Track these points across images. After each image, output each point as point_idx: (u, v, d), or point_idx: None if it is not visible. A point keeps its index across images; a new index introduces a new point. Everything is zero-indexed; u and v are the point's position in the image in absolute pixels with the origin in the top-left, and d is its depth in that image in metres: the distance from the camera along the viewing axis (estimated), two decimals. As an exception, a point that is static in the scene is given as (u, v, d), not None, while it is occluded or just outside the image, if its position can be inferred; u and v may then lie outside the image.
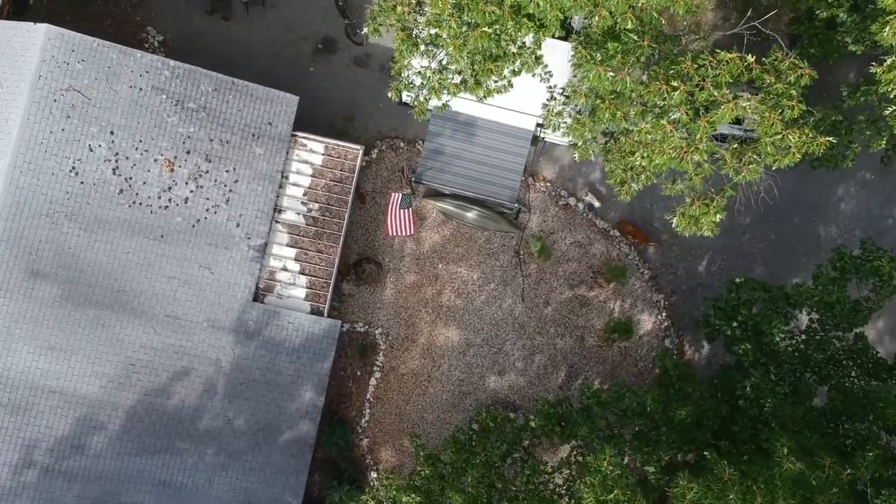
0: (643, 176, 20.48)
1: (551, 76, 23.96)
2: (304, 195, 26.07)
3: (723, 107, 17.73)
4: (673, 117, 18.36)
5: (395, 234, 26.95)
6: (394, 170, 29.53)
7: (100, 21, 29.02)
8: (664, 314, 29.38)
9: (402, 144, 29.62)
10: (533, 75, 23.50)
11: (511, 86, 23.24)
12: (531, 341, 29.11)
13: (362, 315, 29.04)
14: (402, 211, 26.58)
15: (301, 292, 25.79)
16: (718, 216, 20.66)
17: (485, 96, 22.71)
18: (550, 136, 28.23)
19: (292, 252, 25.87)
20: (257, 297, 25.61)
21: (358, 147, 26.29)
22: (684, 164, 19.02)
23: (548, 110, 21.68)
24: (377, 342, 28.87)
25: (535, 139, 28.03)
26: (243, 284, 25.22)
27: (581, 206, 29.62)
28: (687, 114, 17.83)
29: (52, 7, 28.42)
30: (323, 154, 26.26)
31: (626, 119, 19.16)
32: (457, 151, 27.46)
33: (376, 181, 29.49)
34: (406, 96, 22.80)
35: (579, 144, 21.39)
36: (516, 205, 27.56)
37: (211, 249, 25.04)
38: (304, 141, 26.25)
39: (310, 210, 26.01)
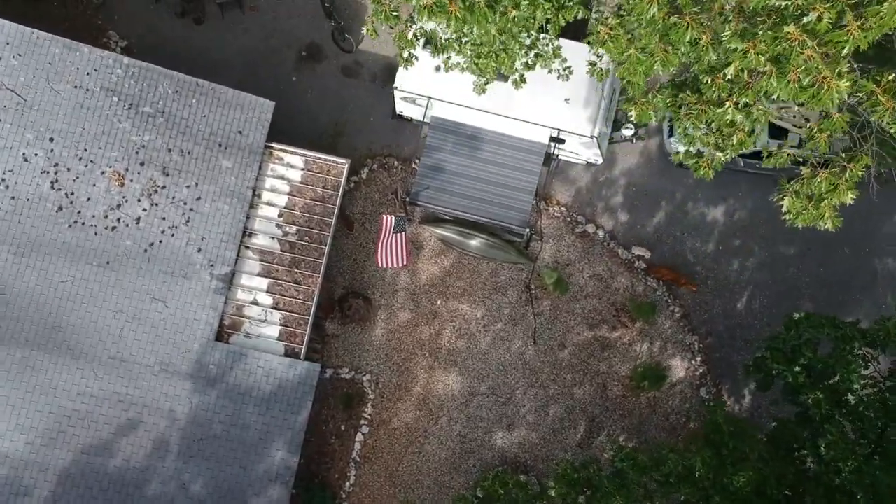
0: (735, 137, 15.16)
1: (571, 74, 19.88)
2: (279, 216, 21.83)
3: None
4: (806, 20, 11.38)
5: (386, 264, 22.63)
6: (386, 192, 25.34)
7: (54, 24, 25.00)
8: (699, 359, 24.90)
9: (395, 163, 25.49)
10: (549, 71, 19.41)
11: (523, 81, 19.15)
12: (545, 390, 24.57)
13: (348, 359, 24.58)
14: (394, 236, 22.30)
15: (274, 331, 21.37)
16: (850, 195, 14.45)
17: (486, 82, 18.67)
18: (566, 153, 24.07)
19: (264, 283, 21.53)
20: (221, 335, 21.19)
21: (343, 161, 22.13)
22: (823, 100, 11.64)
23: (595, 30, 14.88)
24: (365, 391, 24.34)
25: (548, 158, 23.89)
26: (204, 321, 20.83)
27: (601, 233, 25.34)
28: (828, 17, 11.03)
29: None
30: (302, 169, 22.09)
31: (713, 48, 12.78)
32: (459, 168, 23.28)
33: (366, 205, 25.29)
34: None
35: (637, 97, 15.55)
36: (527, 230, 23.28)
37: (166, 279, 20.72)
38: (281, 153, 22.10)
39: (286, 234, 21.74)
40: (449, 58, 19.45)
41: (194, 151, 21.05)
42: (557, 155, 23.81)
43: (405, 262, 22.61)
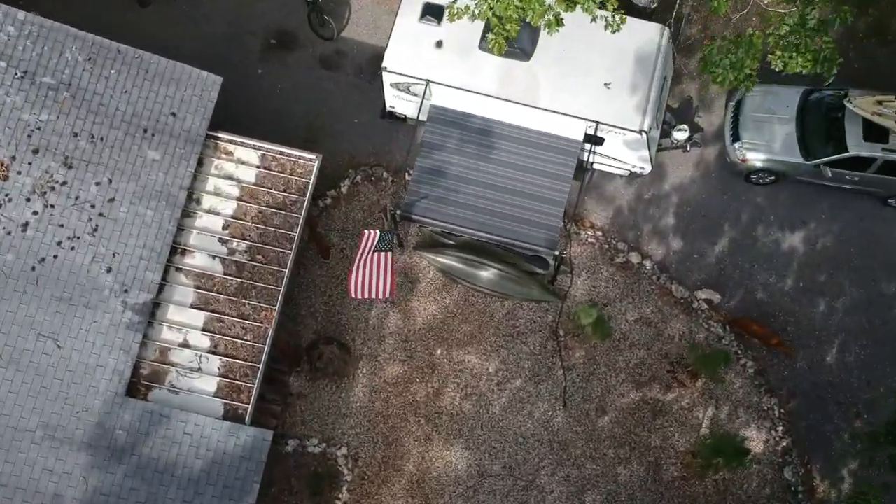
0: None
1: (622, 23, 14.12)
2: (224, 228, 15.78)
3: None
4: None
5: (362, 293, 16.42)
6: (372, 210, 19.37)
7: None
8: (780, 428, 18.45)
9: (384, 175, 19.59)
10: (593, 19, 13.66)
11: (559, 24, 13.34)
12: (579, 470, 18.06)
13: (318, 427, 18.16)
14: (375, 256, 16.19)
15: (210, 384, 15.07)
16: None
17: (505, 37, 12.86)
18: (604, 159, 18.16)
19: (200, 318, 15.33)
20: (135, 389, 14.89)
21: (312, 157, 16.20)
22: None
23: None
24: (339, 469, 17.84)
25: (581, 166, 18.03)
26: (112, 368, 14.58)
27: (648, 265, 19.23)
28: None
29: None
30: (258, 166, 16.15)
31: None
32: (465, 173, 17.34)
33: (346, 225, 19.28)
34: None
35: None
36: (555, 256, 17.19)
37: (60, 308, 14.58)
38: (229, 146, 16.19)
39: (232, 251, 15.65)
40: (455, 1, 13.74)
41: (109, 138, 15.15)
42: (592, 162, 17.90)
43: (387, 293, 16.41)
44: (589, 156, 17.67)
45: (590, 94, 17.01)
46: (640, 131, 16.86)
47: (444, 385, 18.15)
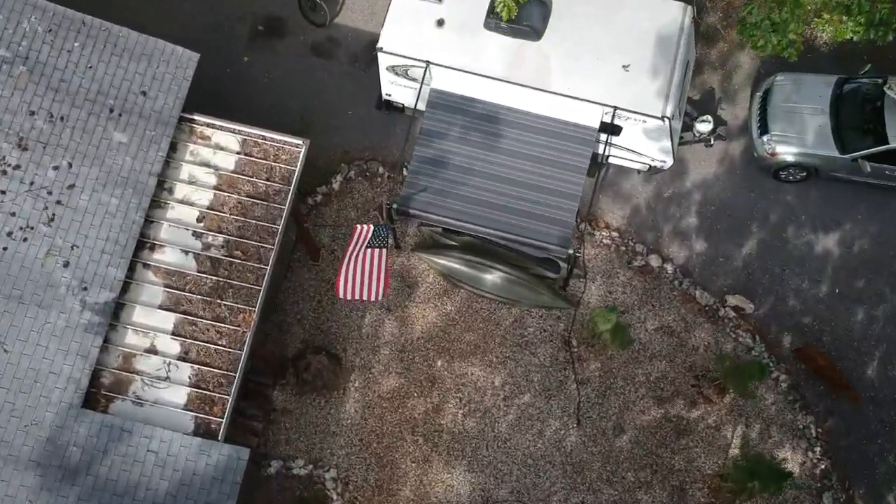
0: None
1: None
2: (198, 221, 13.97)
3: None
4: None
5: (351, 293, 14.58)
6: (367, 207, 17.58)
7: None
8: (818, 450, 16.49)
9: (380, 170, 17.83)
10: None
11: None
12: (595, 495, 16.08)
13: (304, 446, 16.23)
14: (368, 253, 14.37)
15: (180, 395, 13.17)
16: None
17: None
18: (621, 151, 16.40)
19: (169, 320, 13.47)
20: (94, 400, 13.00)
21: (299, 142, 14.44)
22: None
23: None
24: (328, 494, 15.86)
25: (595, 160, 16.28)
26: (67, 376, 12.69)
27: (669, 268, 17.40)
28: None
29: None
30: (238, 153, 14.39)
31: None
32: (468, 163, 15.56)
33: (338, 225, 17.51)
34: None
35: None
36: (569, 254, 15.36)
37: (9, 307, 12.73)
38: (206, 129, 14.43)
39: (207, 246, 13.83)
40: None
41: (70, 117, 13.40)
42: (607, 155, 16.14)
43: (380, 294, 14.57)
44: (604, 148, 15.89)
45: (606, 77, 15.30)
46: (662, 117, 15.11)
47: (444, 400, 16.25)
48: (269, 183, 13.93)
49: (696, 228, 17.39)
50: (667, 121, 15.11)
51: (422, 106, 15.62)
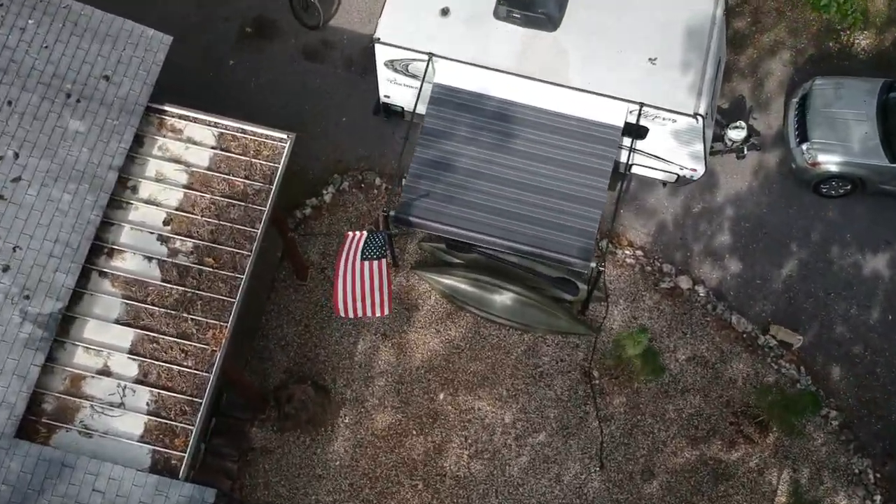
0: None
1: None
2: (165, 224, 11.99)
3: None
4: None
5: (354, 312, 12.56)
6: (362, 221, 15.63)
7: None
8: (878, 498, 14.21)
9: (377, 180, 15.94)
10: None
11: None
12: (622, 550, 13.74)
13: (285, 490, 13.96)
14: (366, 266, 12.38)
15: (135, 424, 11.01)
16: None
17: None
18: (646, 159, 14.51)
19: (127, 336, 11.38)
20: (30, 429, 10.82)
21: (283, 136, 12.56)
22: None
23: None
24: (311, 547, 13.52)
25: (616, 171, 14.40)
26: (0, 399, 10.57)
27: (701, 291, 15.37)
28: None
29: None
30: (213, 147, 12.49)
31: None
32: (475, 166, 13.65)
33: (329, 241, 15.54)
34: None
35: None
36: (592, 267, 13.34)
37: (-66, 317, 10.65)
38: (177, 121, 12.56)
39: (174, 252, 11.82)
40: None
41: (20, 102, 11.54)
42: (630, 164, 14.26)
43: (384, 310, 12.54)
44: (628, 155, 14.00)
45: (631, 71, 13.49)
46: (695, 115, 13.25)
47: (447, 439, 14.05)
48: (248, 181, 12.01)
49: (729, 247, 15.41)
50: (699, 119, 13.25)
51: (422, 108, 13.76)
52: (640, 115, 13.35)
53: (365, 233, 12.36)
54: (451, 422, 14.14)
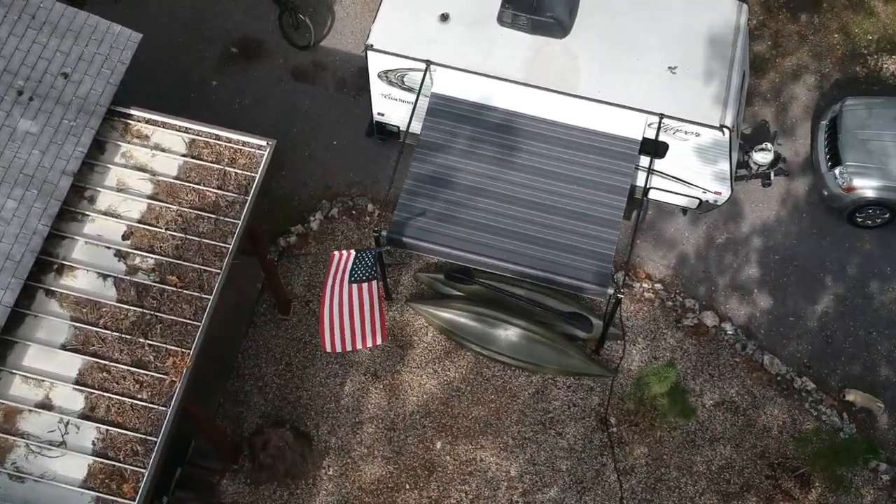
0: None
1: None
2: (125, 237, 10.46)
3: None
4: None
5: (343, 346, 10.94)
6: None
7: None
8: (939, 565, 12.25)
9: (369, 207, 14.48)
10: None
11: None
12: None
13: (258, 551, 12.05)
14: (356, 290, 10.79)
15: (78, 466, 9.25)
16: None
17: None
18: (665, 181, 13.08)
19: (74, 364, 9.71)
20: (-50, 470, 9.04)
21: (262, 143, 11.13)
22: None
23: None
24: None
25: (631, 198, 12.96)
26: (-86, 434, 8.80)
27: (729, 329, 13.74)
28: None
29: None
30: (184, 155, 11.06)
31: None
32: (477, 182, 12.19)
33: (315, 273, 13.99)
34: None
35: None
36: (609, 293, 11.74)
37: None
38: (144, 126, 11.16)
39: (134, 270, 10.25)
40: None
41: (-36, 99, 10.12)
42: (648, 188, 12.82)
43: (377, 338, 10.91)
44: (646, 178, 12.57)
45: (649, 79, 12.18)
46: (721, 127, 11.87)
47: (445, 494, 12.22)
48: (220, 192, 10.53)
49: (757, 281, 13.85)
50: (726, 132, 11.86)
51: (418, 127, 12.40)
52: (659, 128, 11.94)
53: (353, 252, 10.81)
54: (450, 474, 12.33)
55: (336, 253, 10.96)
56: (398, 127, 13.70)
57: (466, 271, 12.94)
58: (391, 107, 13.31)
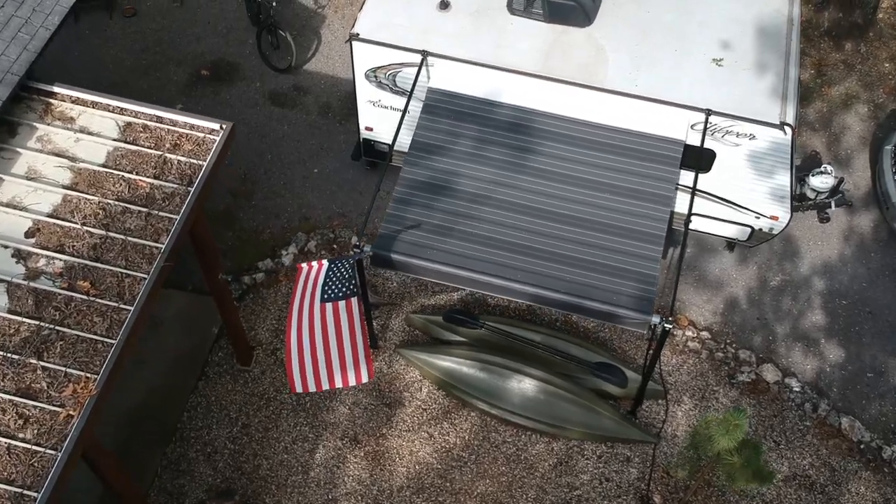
0: None
1: None
2: (28, 234, 7.95)
3: None
4: None
5: (317, 384, 8.22)
6: (329, 289, 11.41)
7: None
8: None
9: (353, 240, 12.03)
10: None
11: None
12: None
13: None
14: (329, 309, 8.17)
15: None
16: None
17: None
18: (710, 205, 10.68)
19: None
20: None
21: (215, 126, 8.79)
22: None
23: None
24: None
25: (670, 228, 10.55)
26: None
27: (796, 386, 11.00)
28: None
29: None
30: (116, 140, 8.70)
31: None
32: (482, 189, 9.77)
33: (284, 314, 11.35)
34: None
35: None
36: (654, 323, 9.08)
37: None
38: (70, 107, 8.86)
39: (35, 274, 7.68)
40: None
41: None
42: (690, 216, 10.37)
43: (361, 375, 8.20)
44: (690, 201, 10.16)
45: (692, 72, 9.98)
46: (782, 125, 9.55)
47: (442, 591, 9.15)
48: (156, 182, 8.11)
49: (825, 330, 11.23)
50: (788, 130, 9.53)
51: (408, 139, 10.12)
52: (705, 129, 9.62)
53: (325, 262, 8.25)
54: (449, 568, 9.30)
55: (304, 265, 8.38)
56: (389, 145, 11.37)
57: (470, 312, 10.37)
58: (380, 118, 11.05)
